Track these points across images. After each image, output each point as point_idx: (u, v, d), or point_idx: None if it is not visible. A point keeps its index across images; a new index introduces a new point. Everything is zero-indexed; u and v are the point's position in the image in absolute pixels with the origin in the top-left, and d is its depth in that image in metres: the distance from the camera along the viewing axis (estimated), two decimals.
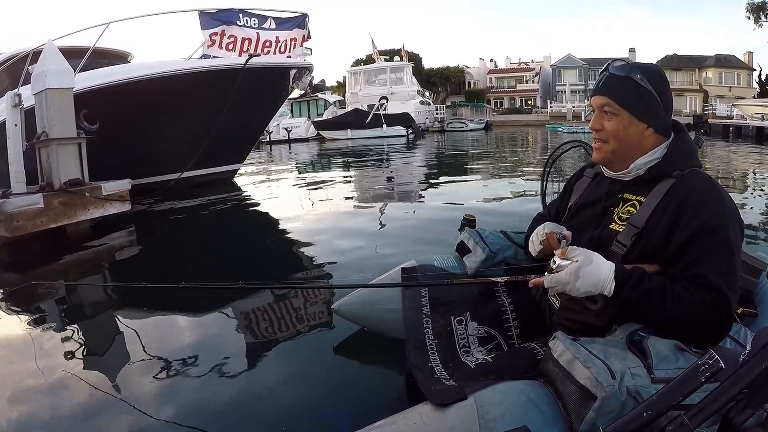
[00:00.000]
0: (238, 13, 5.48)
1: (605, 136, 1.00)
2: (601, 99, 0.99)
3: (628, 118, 0.97)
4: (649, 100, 0.96)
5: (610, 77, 0.98)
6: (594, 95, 1.02)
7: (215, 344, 1.77)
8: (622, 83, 0.97)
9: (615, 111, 0.98)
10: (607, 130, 0.99)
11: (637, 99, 0.96)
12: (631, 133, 0.98)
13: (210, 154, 5.52)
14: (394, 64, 26.95)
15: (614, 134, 0.98)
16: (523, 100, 41.43)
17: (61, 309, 2.26)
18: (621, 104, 0.97)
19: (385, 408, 1.02)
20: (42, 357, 1.70)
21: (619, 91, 0.97)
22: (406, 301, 1.31)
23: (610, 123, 0.98)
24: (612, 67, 0.99)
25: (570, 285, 0.86)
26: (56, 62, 3.85)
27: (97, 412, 1.35)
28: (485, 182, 6.26)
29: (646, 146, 0.98)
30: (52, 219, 3.51)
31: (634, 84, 0.96)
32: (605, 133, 0.99)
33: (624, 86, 0.97)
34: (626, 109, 0.97)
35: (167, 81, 5.23)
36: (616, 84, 0.98)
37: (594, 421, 0.68)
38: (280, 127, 21.85)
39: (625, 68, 0.98)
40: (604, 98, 0.99)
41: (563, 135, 18.48)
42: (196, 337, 1.84)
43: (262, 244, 3.54)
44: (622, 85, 0.97)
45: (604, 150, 1.01)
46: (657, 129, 0.98)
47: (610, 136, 0.99)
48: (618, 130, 0.98)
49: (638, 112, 0.97)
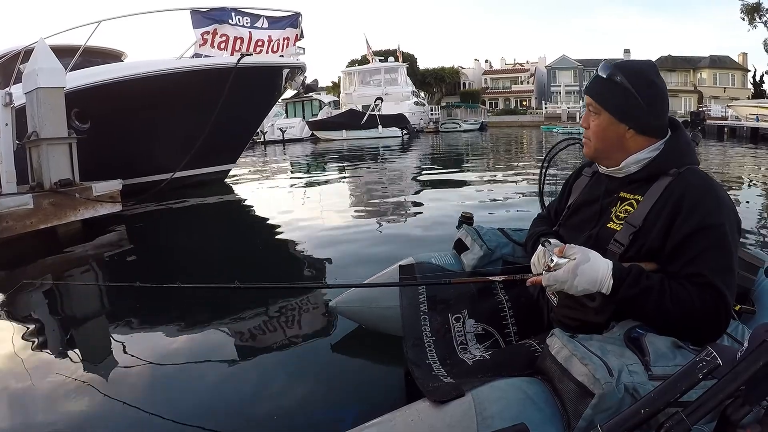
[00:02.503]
0: (230, 12, 5.44)
1: (589, 135, 1.04)
2: (587, 98, 1.04)
3: (608, 119, 1.00)
4: (629, 101, 0.97)
5: (596, 78, 1.03)
6: (585, 94, 1.07)
7: (211, 344, 1.76)
8: (604, 84, 1.00)
9: (597, 111, 1.01)
10: (591, 131, 1.03)
11: (615, 100, 0.98)
12: (611, 133, 1.00)
13: (202, 154, 5.48)
14: (389, 65, 27.00)
15: (595, 134, 1.02)
16: (518, 101, 41.68)
17: (53, 309, 2.23)
18: (601, 104, 1.00)
19: (383, 405, 1.01)
20: (35, 357, 1.68)
21: (600, 91, 1.00)
22: (404, 298, 1.31)
23: (594, 122, 1.02)
24: (599, 68, 1.02)
25: (568, 283, 0.86)
26: (47, 61, 3.81)
27: (96, 412, 1.33)
28: (481, 181, 6.28)
29: (629, 147, 1.00)
30: (42, 220, 3.47)
31: (615, 85, 0.98)
32: (589, 132, 1.04)
33: (606, 87, 1.00)
34: (606, 110, 1.00)
35: (158, 80, 5.19)
36: (599, 84, 1.01)
37: (591, 418, 0.68)
38: (275, 127, 21.80)
39: (608, 69, 1.00)
40: (588, 98, 1.04)
41: (558, 136, 18.61)
42: (192, 337, 1.83)
43: (256, 244, 3.52)
44: (604, 85, 1.00)
45: (589, 147, 1.05)
46: (638, 130, 0.99)
47: (592, 136, 1.03)
48: (599, 129, 1.02)
49: (618, 113, 0.99)
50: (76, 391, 1.43)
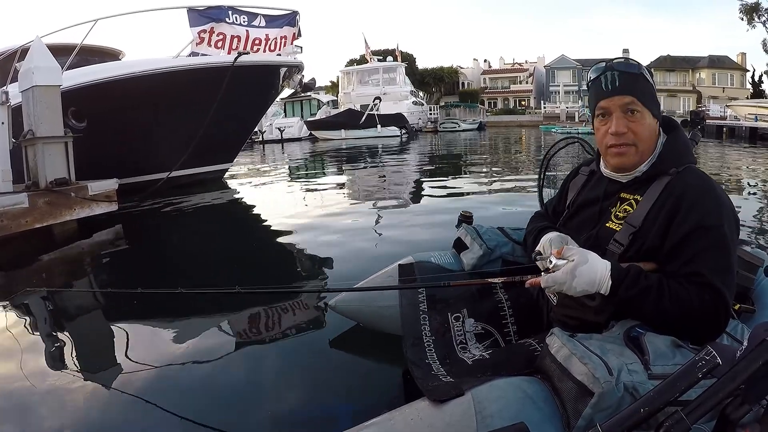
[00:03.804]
0: (227, 10, 5.42)
1: (632, 140, 0.95)
2: (624, 98, 0.94)
3: (650, 116, 0.96)
4: (656, 95, 0.98)
5: (625, 75, 0.94)
6: (612, 95, 0.94)
7: (210, 344, 1.75)
8: (639, 80, 0.95)
9: (640, 109, 0.94)
10: (637, 135, 0.94)
11: (651, 95, 0.97)
12: (653, 131, 0.97)
13: (199, 153, 5.46)
14: (387, 65, 26.97)
15: (643, 137, 0.95)
16: (516, 101, 41.71)
17: (55, 315, 2.21)
18: (644, 102, 0.94)
19: (382, 404, 1.01)
20: (36, 363, 1.67)
21: (640, 88, 0.94)
22: (404, 298, 1.31)
23: (636, 125, 0.94)
24: (621, 65, 0.96)
25: (566, 284, 0.86)
26: (43, 59, 3.79)
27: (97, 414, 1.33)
28: (481, 181, 6.28)
29: (656, 144, 0.99)
30: (38, 219, 3.45)
31: (646, 80, 0.96)
32: (632, 136, 0.94)
33: (642, 83, 0.95)
34: (647, 107, 0.95)
35: (155, 79, 5.17)
36: (634, 81, 0.94)
37: (591, 417, 0.68)
38: (273, 126, 21.78)
39: (634, 65, 0.96)
40: (627, 97, 0.94)
41: (557, 135, 18.64)
42: (190, 337, 1.82)
43: (255, 244, 3.51)
44: (639, 82, 0.94)
45: (631, 154, 0.96)
46: (661, 123, 1.00)
47: (638, 140, 0.95)
48: (649, 130, 0.95)
49: (654, 109, 0.97)
50: (76, 394, 1.42)
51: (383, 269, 1.48)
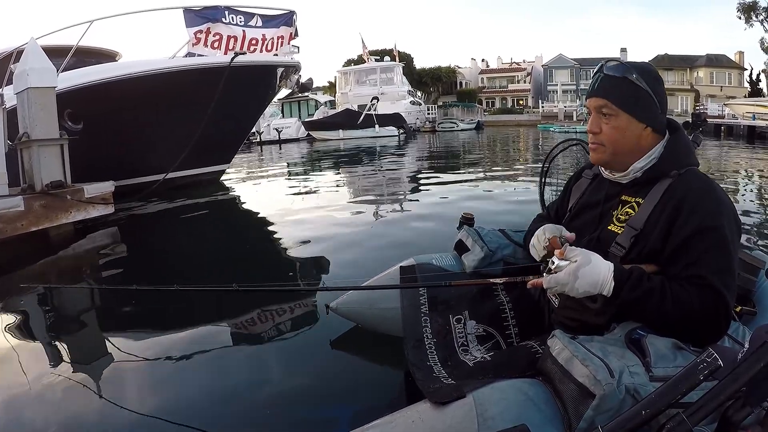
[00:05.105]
0: (223, 11, 5.39)
1: (602, 139, 0.99)
2: (598, 101, 0.98)
3: (627, 119, 0.96)
4: (646, 99, 0.96)
5: (606, 78, 0.97)
6: (590, 97, 1.00)
7: (208, 344, 1.75)
8: (619, 84, 0.96)
9: (613, 112, 0.96)
10: (605, 134, 0.98)
11: (634, 99, 0.96)
12: (629, 134, 0.97)
13: (195, 154, 5.44)
14: (384, 64, 26.95)
15: (611, 137, 0.97)
16: (514, 100, 41.73)
17: (51, 312, 2.21)
18: (619, 105, 0.96)
19: (384, 406, 1.01)
20: (31, 360, 1.66)
21: (616, 92, 0.96)
22: (405, 300, 1.31)
23: (608, 126, 0.97)
24: (607, 68, 0.98)
25: (569, 285, 0.86)
26: (38, 61, 3.76)
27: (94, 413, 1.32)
28: (481, 181, 6.28)
29: (643, 147, 0.98)
30: (33, 222, 3.43)
31: (631, 84, 0.95)
32: (602, 136, 0.98)
33: (621, 87, 0.96)
34: (624, 110, 0.96)
35: (151, 80, 5.14)
36: (612, 85, 0.96)
37: (592, 419, 0.68)
38: (271, 127, 21.70)
39: (620, 68, 0.97)
40: (601, 100, 0.97)
41: (555, 135, 18.67)
42: (189, 337, 1.81)
43: (253, 245, 3.50)
44: (619, 85, 0.96)
45: (601, 152, 1.00)
46: (655, 128, 0.98)
47: (606, 141, 0.98)
48: (617, 132, 0.97)
49: (637, 113, 0.96)
50: (73, 392, 1.42)
51: (384, 271, 1.48)
